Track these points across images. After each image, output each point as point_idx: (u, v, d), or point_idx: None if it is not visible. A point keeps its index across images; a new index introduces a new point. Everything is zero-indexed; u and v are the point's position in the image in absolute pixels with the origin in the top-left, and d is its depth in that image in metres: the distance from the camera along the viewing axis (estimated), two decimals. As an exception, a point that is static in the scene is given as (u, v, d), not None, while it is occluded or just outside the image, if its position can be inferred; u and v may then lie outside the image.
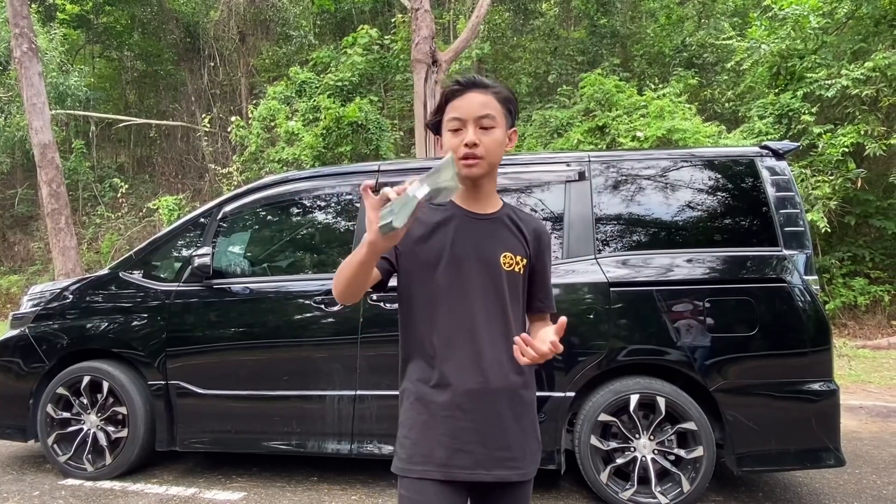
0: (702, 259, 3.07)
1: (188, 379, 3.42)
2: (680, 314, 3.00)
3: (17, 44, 8.95)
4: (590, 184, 3.23)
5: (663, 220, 3.22)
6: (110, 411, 3.47)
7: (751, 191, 3.16)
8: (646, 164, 3.29)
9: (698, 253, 3.09)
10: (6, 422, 3.60)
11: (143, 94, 18.83)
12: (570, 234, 3.17)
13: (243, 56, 18.19)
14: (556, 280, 3.10)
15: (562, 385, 3.05)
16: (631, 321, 3.04)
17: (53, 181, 9.36)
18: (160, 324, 3.46)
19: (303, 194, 3.59)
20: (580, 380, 3.05)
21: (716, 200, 3.23)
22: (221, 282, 3.46)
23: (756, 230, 3.12)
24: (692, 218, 3.22)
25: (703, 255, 3.08)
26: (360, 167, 3.60)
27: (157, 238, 3.73)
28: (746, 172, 3.19)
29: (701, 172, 3.27)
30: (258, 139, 12.74)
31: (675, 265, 3.08)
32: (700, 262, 3.07)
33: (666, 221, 3.22)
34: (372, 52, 13.96)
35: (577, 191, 3.23)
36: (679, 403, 2.96)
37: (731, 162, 3.25)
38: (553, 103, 13.97)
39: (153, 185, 16.86)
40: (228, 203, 3.63)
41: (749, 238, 3.12)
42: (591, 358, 3.03)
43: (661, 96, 11.60)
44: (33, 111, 9.07)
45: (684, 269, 3.07)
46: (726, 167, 3.25)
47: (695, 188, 3.25)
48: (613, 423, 3.03)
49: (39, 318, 3.67)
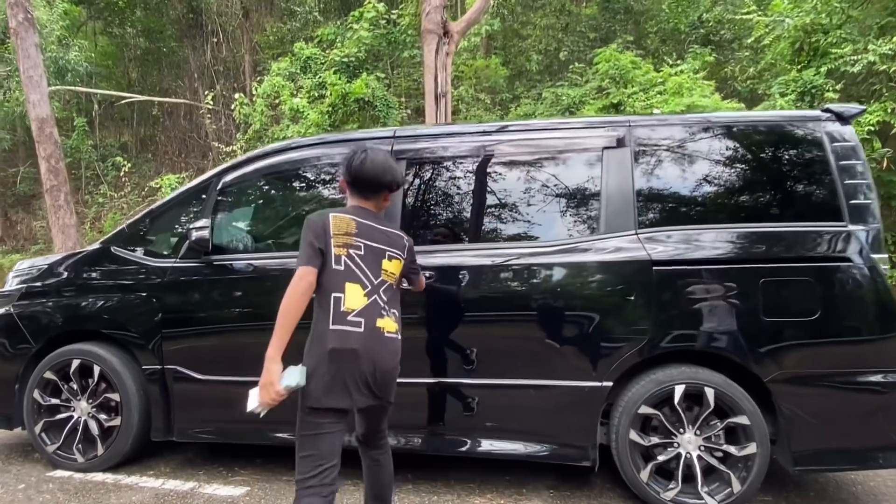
0: (756, 235, 2.74)
1: (186, 363, 3.14)
2: (731, 296, 2.69)
3: (12, 13, 8.57)
4: (630, 151, 2.90)
5: (712, 192, 2.89)
6: (102, 398, 3.20)
7: (812, 159, 2.82)
8: (693, 129, 2.95)
9: (752, 228, 2.76)
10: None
11: (146, 72, 18.44)
12: (608, 208, 2.85)
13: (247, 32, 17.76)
14: (592, 257, 2.80)
15: (597, 374, 2.75)
16: (676, 304, 2.72)
17: (52, 157, 9.05)
18: (155, 303, 3.17)
19: (310, 162, 3.26)
20: (618, 368, 2.75)
21: (772, 170, 2.89)
22: (221, 258, 3.16)
23: (817, 203, 2.78)
24: (745, 189, 2.88)
25: (758, 230, 2.75)
26: (374, 133, 3.27)
27: (151, 210, 3.42)
28: (807, 139, 2.85)
29: (755, 138, 2.92)
30: (262, 117, 12.40)
31: (726, 242, 2.75)
32: (754, 238, 2.74)
33: (715, 193, 2.89)
34: (379, 26, 13.54)
35: (616, 159, 2.90)
36: (729, 395, 2.66)
37: (789, 127, 2.90)
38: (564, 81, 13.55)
39: (156, 164, 16.56)
40: (228, 172, 3.31)
41: (809, 211, 2.78)
42: (631, 344, 2.73)
43: (679, 72, 11.18)
44: (30, 84, 8.73)
45: (736, 246, 2.74)
46: (784, 133, 2.90)
47: (748, 156, 2.91)
48: (655, 416, 2.73)
49: (25, 296, 3.38)
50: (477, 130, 3.11)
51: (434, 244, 3.00)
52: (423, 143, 3.11)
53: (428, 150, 3.10)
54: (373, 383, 2.02)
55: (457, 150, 3.09)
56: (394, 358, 2.09)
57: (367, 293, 2.04)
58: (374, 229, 2.15)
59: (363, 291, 2.03)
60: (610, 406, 2.84)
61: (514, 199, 2.99)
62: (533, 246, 2.88)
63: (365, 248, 2.09)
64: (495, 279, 2.87)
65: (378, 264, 2.11)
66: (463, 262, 2.91)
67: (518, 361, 2.82)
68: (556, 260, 2.83)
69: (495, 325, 2.88)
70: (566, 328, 2.80)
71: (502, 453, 2.86)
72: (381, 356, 2.02)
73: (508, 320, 2.86)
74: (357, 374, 1.98)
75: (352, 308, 2.00)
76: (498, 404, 2.87)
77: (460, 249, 2.97)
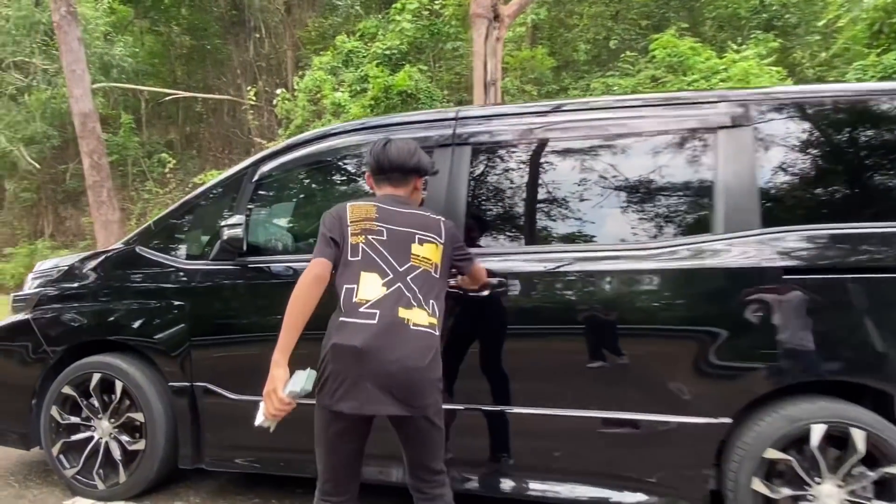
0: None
1: (217, 380, 2.75)
2: (886, 314, 2.12)
3: (55, 7, 8.51)
4: (752, 132, 2.34)
5: (861, 183, 2.31)
6: (125, 417, 2.83)
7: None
8: (838, 103, 2.36)
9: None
10: (5, 425, 3.02)
11: (191, 70, 18.61)
12: (724, 202, 2.30)
13: (289, 28, 17.71)
14: (702, 263, 2.27)
15: (711, 407, 2.22)
16: (813, 322, 2.16)
17: (95, 152, 8.97)
18: (183, 311, 2.79)
19: (360, 150, 2.82)
20: (738, 401, 2.21)
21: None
22: (257, 259, 2.75)
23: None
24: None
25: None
26: (433, 114, 2.78)
27: (180, 205, 3.04)
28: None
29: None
30: (304, 111, 12.20)
31: (878, 245, 2.18)
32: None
33: (865, 184, 2.30)
34: (422, 18, 13.16)
35: (733, 141, 2.35)
36: (885, 439, 2.09)
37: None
38: (615, 71, 12.89)
39: (200, 161, 16.66)
40: (266, 162, 2.89)
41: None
42: (755, 372, 2.18)
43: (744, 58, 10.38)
44: (73, 78, 8.66)
45: (893, 251, 2.16)
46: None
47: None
48: (785, 461, 2.18)
49: (43, 301, 3.05)
50: (558, 108, 2.60)
51: (499, 246, 2.52)
52: (496, 125, 2.60)
53: (501, 132, 2.59)
54: (392, 384, 1.70)
55: (534, 132, 2.57)
56: (423, 355, 1.76)
57: (386, 282, 1.81)
58: (398, 213, 1.94)
59: (382, 280, 1.81)
60: (723, 444, 2.30)
61: (603, 192, 2.47)
62: (627, 249, 2.36)
63: (388, 232, 1.89)
64: (581, 288, 2.36)
65: (406, 249, 1.88)
66: (527, 268, 2.41)
67: (610, 389, 2.31)
68: (657, 266, 2.30)
69: (579, 343, 2.37)
70: (671, 350, 2.27)
71: (586, 501, 2.35)
72: (402, 352, 1.74)
73: (596, 340, 2.35)
74: (366, 372, 1.71)
75: (365, 299, 1.78)
76: (582, 440, 2.37)
77: (527, 253, 2.47)
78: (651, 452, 2.29)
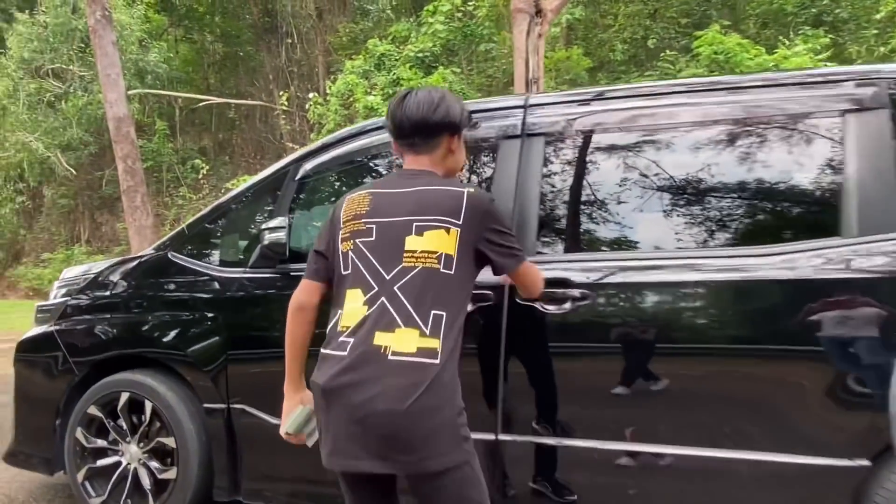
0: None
1: (255, 402, 2.46)
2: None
3: (91, 11, 8.49)
4: (890, 115, 1.96)
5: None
6: (155, 441, 2.56)
7: None
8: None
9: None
10: (27, 448, 2.79)
11: (224, 77, 18.78)
12: (857, 199, 1.91)
13: (320, 34, 17.71)
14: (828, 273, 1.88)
15: (845, 447, 1.84)
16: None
17: (129, 157, 8.91)
18: (219, 324, 2.51)
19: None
20: (879, 440, 1.82)
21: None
22: (301, 266, 2.45)
23: None
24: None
25: None
26: (501, 101, 2.45)
27: (215, 208, 2.77)
28: None
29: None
30: (336, 116, 12.05)
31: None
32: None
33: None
34: (454, 19, 12.94)
35: (866, 127, 1.96)
36: None
37: None
38: (654, 70, 12.44)
39: (233, 167, 16.71)
40: (311, 158, 2.59)
41: None
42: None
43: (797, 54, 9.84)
44: (108, 82, 8.62)
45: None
46: None
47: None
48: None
49: (68, 312, 2.81)
50: (646, 92, 2.24)
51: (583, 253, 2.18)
52: (576, 110, 2.25)
53: (582, 120, 2.24)
54: (366, 434, 1.34)
55: (621, 120, 2.21)
56: (404, 394, 1.32)
57: (369, 298, 1.42)
58: (396, 196, 1.49)
59: (364, 297, 1.43)
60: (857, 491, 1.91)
61: (708, 187, 2.10)
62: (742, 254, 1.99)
63: (378, 229, 1.47)
64: (692, 303, 2.00)
65: (397, 247, 1.44)
66: (631, 279, 2.06)
67: (720, 425, 1.94)
68: (770, 276, 1.93)
69: (683, 366, 2.00)
70: (792, 377, 1.90)
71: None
72: (371, 391, 1.33)
73: (703, 363, 1.98)
74: (333, 418, 1.40)
75: (346, 325, 1.44)
76: (685, 483, 2.00)
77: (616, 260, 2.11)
78: (771, 498, 1.91)
